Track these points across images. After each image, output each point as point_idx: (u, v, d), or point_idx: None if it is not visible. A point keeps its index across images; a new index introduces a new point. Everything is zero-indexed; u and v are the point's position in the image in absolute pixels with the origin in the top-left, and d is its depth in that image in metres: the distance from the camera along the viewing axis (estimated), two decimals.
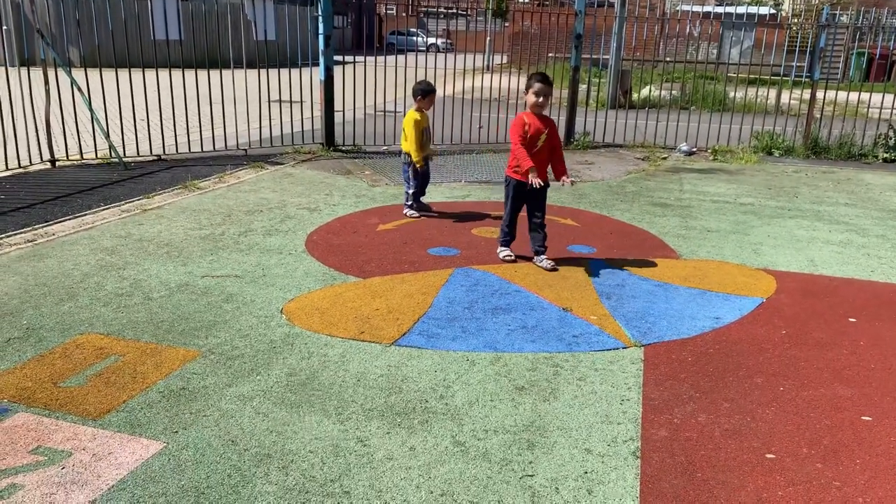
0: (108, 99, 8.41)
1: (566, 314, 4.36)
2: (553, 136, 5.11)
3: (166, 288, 4.53)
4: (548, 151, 5.09)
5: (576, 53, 10.67)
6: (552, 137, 5.10)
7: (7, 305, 4.17)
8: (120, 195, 6.91)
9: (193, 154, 8.90)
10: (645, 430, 3.10)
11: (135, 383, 3.32)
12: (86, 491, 2.56)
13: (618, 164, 9.56)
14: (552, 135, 5.10)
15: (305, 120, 11.09)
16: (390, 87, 10.22)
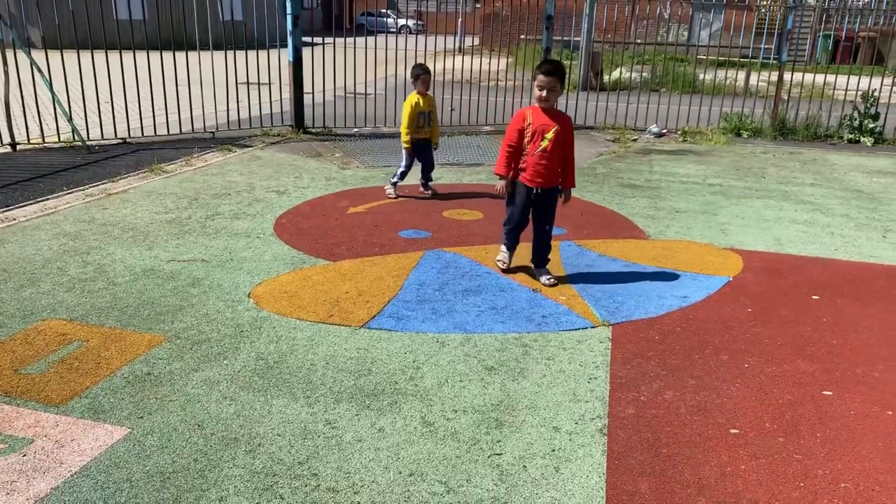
0: (70, 81, 8.22)
1: (535, 294, 4.37)
2: (565, 137, 4.35)
3: (131, 273, 4.46)
4: (558, 153, 4.36)
5: (547, 35, 10.65)
6: (564, 139, 4.35)
7: None
8: (83, 179, 6.77)
9: (159, 137, 8.74)
10: (612, 408, 3.13)
11: (99, 369, 3.27)
12: (48, 478, 2.51)
13: (588, 146, 9.59)
14: (565, 136, 4.35)
15: (274, 102, 10.95)
16: (360, 69, 10.12)
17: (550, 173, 4.39)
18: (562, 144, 4.34)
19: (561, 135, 4.31)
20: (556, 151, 4.33)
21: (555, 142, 4.29)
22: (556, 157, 4.35)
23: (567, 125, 4.36)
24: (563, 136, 4.32)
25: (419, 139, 6.44)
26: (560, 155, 4.37)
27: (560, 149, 4.34)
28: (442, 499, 2.50)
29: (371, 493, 2.52)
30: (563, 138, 4.33)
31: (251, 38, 9.87)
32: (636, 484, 2.61)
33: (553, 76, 4.21)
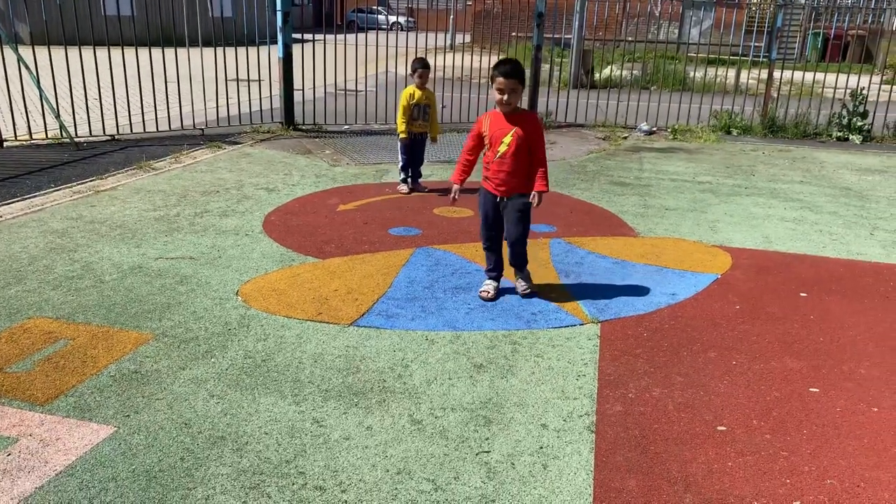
0: (58, 77, 8.15)
1: None
2: (528, 139, 3.98)
3: (119, 270, 4.43)
4: (522, 158, 4.00)
5: (538, 32, 10.64)
6: (527, 141, 3.98)
7: None
8: (71, 176, 6.73)
9: (148, 134, 8.69)
10: (600, 405, 3.13)
11: (85, 367, 3.25)
12: (32, 477, 2.50)
13: (579, 144, 9.60)
14: (527, 138, 3.97)
15: (264, 99, 10.90)
16: (351, 65, 10.09)
17: (514, 180, 4.03)
18: (526, 147, 3.98)
19: (522, 137, 3.96)
20: (520, 156, 3.98)
21: (514, 146, 3.96)
22: (520, 162, 3.99)
23: (531, 126, 4.00)
24: (524, 139, 3.96)
25: (414, 132, 6.54)
26: (525, 159, 4.00)
27: (523, 152, 3.99)
28: (430, 497, 2.50)
29: (358, 491, 2.51)
30: (524, 141, 3.97)
31: (241, 35, 9.82)
32: (624, 481, 2.62)
33: (513, 77, 3.87)
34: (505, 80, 3.87)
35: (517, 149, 3.97)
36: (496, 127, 4.01)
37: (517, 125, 3.97)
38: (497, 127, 4.00)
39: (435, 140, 6.73)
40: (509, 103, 3.93)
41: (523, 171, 4.03)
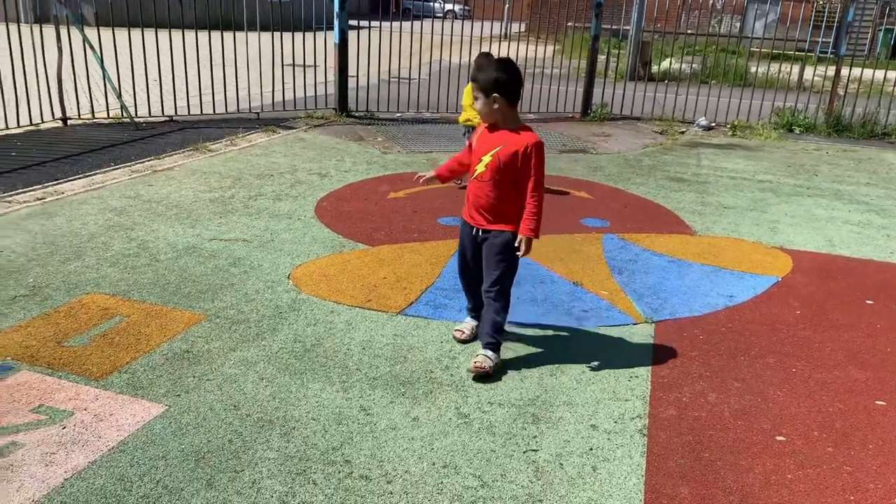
0: (120, 58, 8.32)
1: (576, 288, 4.29)
2: (512, 164, 3.10)
3: (174, 250, 4.50)
4: (506, 184, 3.15)
5: (596, 22, 10.45)
6: (512, 167, 3.10)
7: (14, 263, 4.15)
8: (130, 155, 6.86)
9: (205, 116, 8.82)
10: (653, 408, 3.05)
11: (139, 345, 3.30)
12: (86, 451, 2.54)
13: (635, 137, 9.40)
14: (512, 163, 3.10)
15: (319, 84, 10.96)
16: (404, 53, 10.06)
17: (493, 210, 3.19)
18: (510, 174, 3.11)
19: (505, 161, 3.09)
20: (501, 183, 3.13)
21: (492, 169, 3.12)
22: (503, 191, 3.15)
23: (522, 149, 3.07)
24: (508, 164, 3.10)
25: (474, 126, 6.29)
26: (510, 188, 3.14)
27: (506, 179, 3.13)
28: (476, 493, 2.46)
29: (404, 483, 2.49)
30: (508, 166, 3.10)
31: (297, 20, 9.89)
32: (676, 488, 2.53)
33: (474, 81, 3.10)
34: (473, 83, 3.13)
35: (496, 173, 3.13)
36: (482, 140, 3.21)
37: (503, 144, 3.12)
38: (483, 141, 3.20)
39: None
40: (482, 114, 3.16)
41: (507, 201, 3.17)
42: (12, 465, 2.45)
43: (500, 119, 3.13)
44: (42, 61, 7.71)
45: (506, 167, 3.11)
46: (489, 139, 3.18)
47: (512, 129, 3.13)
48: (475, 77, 3.09)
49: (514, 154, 3.09)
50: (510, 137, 3.12)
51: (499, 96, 3.04)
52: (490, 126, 3.19)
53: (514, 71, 3.07)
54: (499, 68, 3.06)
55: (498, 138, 3.15)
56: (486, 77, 3.04)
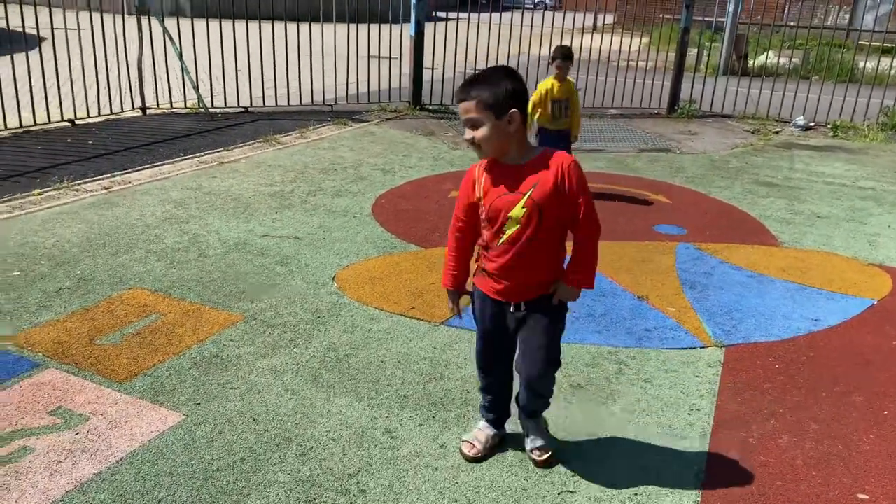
0: (200, 49, 8.42)
1: (641, 303, 3.94)
2: (557, 205, 2.26)
3: (224, 245, 4.42)
4: (550, 239, 2.31)
5: (686, 14, 9.86)
6: (557, 209, 2.26)
7: (67, 254, 4.16)
8: (201, 146, 6.90)
9: (280, 108, 8.83)
10: (713, 449, 2.70)
11: (169, 346, 3.19)
12: (93, 462, 2.43)
13: (723, 136, 8.80)
14: (556, 204, 2.26)
15: (396, 78, 10.83)
16: (491, 45, 9.78)
17: (535, 276, 2.34)
18: (554, 219, 2.27)
19: (547, 205, 2.24)
20: (545, 238, 2.29)
21: (534, 224, 2.25)
22: (546, 246, 2.31)
23: (555, 174, 2.24)
24: (552, 201, 2.24)
25: (553, 130, 5.60)
26: (554, 239, 2.33)
27: (551, 229, 2.29)
28: None
29: None
30: (552, 210, 2.25)
31: (381, 12, 9.78)
32: None
33: (470, 100, 2.20)
34: (463, 107, 2.22)
35: (539, 226, 2.26)
36: (496, 192, 2.29)
37: (536, 183, 2.24)
38: (497, 193, 2.28)
39: (576, 138, 5.85)
40: (480, 147, 2.25)
41: (551, 257, 2.35)
42: (18, 472, 2.36)
43: (515, 147, 2.27)
44: (124, 52, 7.88)
45: (548, 213, 2.24)
46: (509, 182, 2.26)
47: (533, 159, 2.27)
48: (466, 94, 2.20)
49: (554, 190, 2.23)
50: (537, 169, 2.25)
51: (517, 112, 2.20)
52: (494, 165, 2.30)
53: (522, 80, 2.27)
54: (508, 75, 2.23)
55: (521, 177, 2.25)
56: (496, 89, 2.17)
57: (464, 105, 2.21)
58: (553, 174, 2.24)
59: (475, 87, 2.19)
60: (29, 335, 3.21)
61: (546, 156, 2.29)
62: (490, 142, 2.22)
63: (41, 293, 3.63)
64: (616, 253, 4.64)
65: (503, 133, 2.21)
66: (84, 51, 7.68)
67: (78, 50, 7.70)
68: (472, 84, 2.21)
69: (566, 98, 5.59)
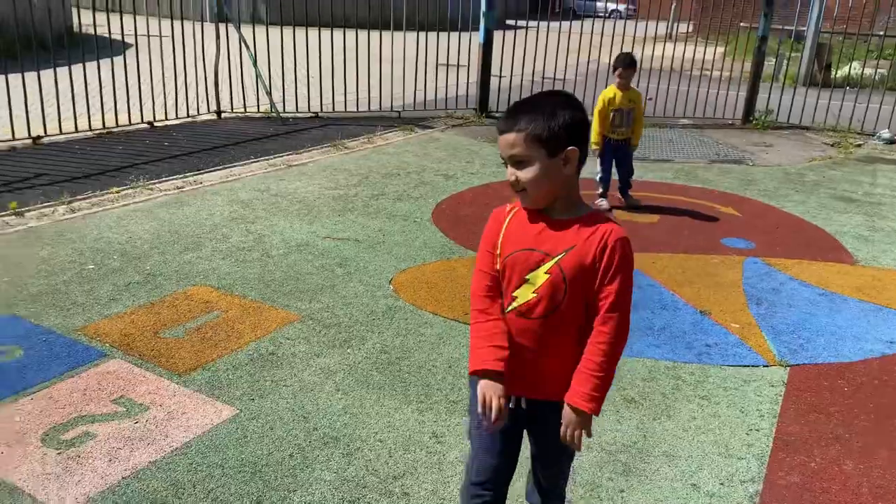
0: (277, 55, 8.64)
1: (703, 318, 3.82)
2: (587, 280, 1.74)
3: (286, 246, 4.52)
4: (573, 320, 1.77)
5: (764, 22, 9.55)
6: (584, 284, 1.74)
7: (138, 250, 4.33)
8: (270, 149, 7.08)
9: (349, 113, 8.98)
10: (771, 472, 2.59)
11: (228, 342, 3.28)
12: (150, 450, 2.52)
13: (801, 149, 8.47)
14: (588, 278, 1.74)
15: (465, 85, 10.88)
16: (561, 53, 9.72)
17: (553, 365, 1.81)
18: (583, 293, 1.75)
19: (579, 272, 1.74)
20: (569, 313, 1.77)
21: (552, 294, 1.75)
22: (569, 325, 1.78)
23: (596, 244, 1.73)
24: (582, 275, 1.74)
25: (616, 140, 5.54)
26: (581, 318, 1.78)
27: (577, 307, 1.76)
28: None
29: None
30: (581, 279, 1.74)
31: (445, 19, 9.85)
32: None
33: (518, 132, 1.72)
34: (507, 140, 1.74)
35: (560, 304, 1.75)
36: (521, 239, 1.79)
37: (570, 247, 1.74)
38: (522, 240, 1.79)
39: (635, 146, 5.76)
40: (525, 192, 1.76)
41: (564, 350, 1.79)
42: (80, 455, 2.47)
43: (565, 195, 1.77)
44: (202, 58, 8.18)
45: (574, 287, 1.73)
46: (536, 236, 1.77)
47: (578, 217, 1.77)
48: (513, 124, 1.72)
49: (590, 265, 1.72)
50: (578, 231, 1.74)
51: (575, 151, 1.73)
52: (534, 212, 1.79)
53: (584, 109, 1.78)
54: (566, 103, 1.75)
55: (556, 233, 1.75)
56: (552, 121, 1.69)
57: (508, 138, 1.72)
58: (595, 244, 1.72)
59: (525, 116, 1.71)
60: (98, 326, 3.36)
61: (595, 219, 1.76)
62: (539, 186, 1.72)
63: (112, 286, 3.79)
64: (680, 265, 4.52)
65: (556, 175, 1.73)
66: (165, 56, 8.00)
67: (159, 55, 8.03)
68: (520, 112, 1.73)
69: (629, 108, 5.49)
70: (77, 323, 3.37)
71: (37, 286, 3.74)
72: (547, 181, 1.73)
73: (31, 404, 2.74)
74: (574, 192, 1.79)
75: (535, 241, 1.77)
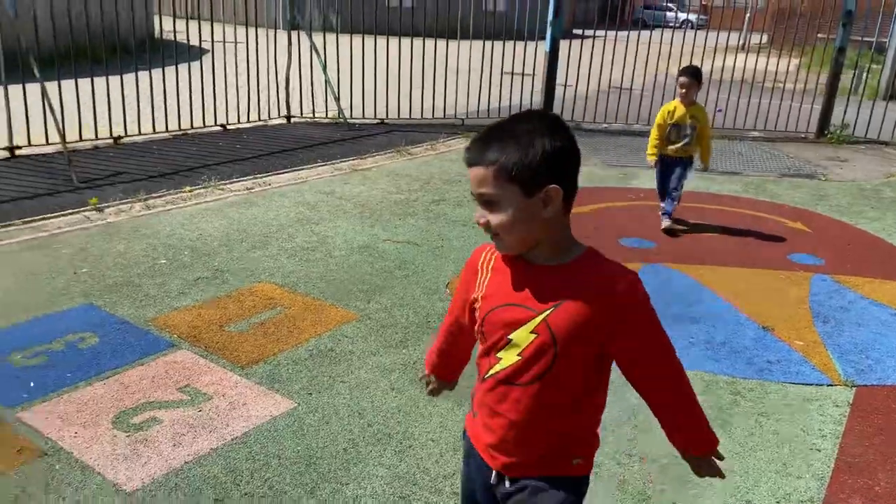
0: (346, 63, 8.84)
1: (765, 334, 3.73)
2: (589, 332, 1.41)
3: (348, 247, 4.62)
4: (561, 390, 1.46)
5: (843, 32, 9.24)
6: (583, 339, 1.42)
7: (208, 246, 4.51)
8: (337, 154, 7.25)
9: (413, 120, 9.11)
10: (831, 494, 2.51)
11: (289, 338, 3.39)
12: (212, 438, 2.63)
13: (878, 164, 8.15)
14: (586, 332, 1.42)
15: (532, 94, 10.89)
16: (628, 63, 9.63)
17: (527, 438, 1.51)
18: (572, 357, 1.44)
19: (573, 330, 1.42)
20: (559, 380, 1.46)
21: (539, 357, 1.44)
22: (558, 395, 1.47)
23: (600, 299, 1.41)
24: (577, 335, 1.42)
25: (670, 156, 5.23)
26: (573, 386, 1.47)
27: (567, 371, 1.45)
28: None
29: None
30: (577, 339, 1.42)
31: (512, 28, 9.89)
32: None
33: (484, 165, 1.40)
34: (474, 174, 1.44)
35: (550, 369, 1.45)
36: (503, 293, 1.48)
37: (559, 304, 1.42)
38: (505, 294, 1.48)
39: (706, 167, 5.45)
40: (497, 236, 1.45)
41: (562, 415, 1.50)
42: (146, 439, 2.60)
43: (549, 242, 1.44)
44: (275, 64, 8.44)
45: (567, 350, 1.42)
46: (521, 288, 1.45)
47: (572, 261, 1.45)
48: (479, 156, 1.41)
49: (586, 319, 1.40)
50: (572, 280, 1.43)
51: (557, 189, 1.39)
52: (515, 260, 1.47)
53: (571, 135, 1.43)
54: (547, 127, 1.40)
55: (545, 284, 1.44)
56: (527, 151, 1.37)
57: (475, 172, 1.41)
58: (593, 299, 1.40)
59: (495, 145, 1.39)
60: (168, 318, 3.51)
61: (591, 264, 1.45)
62: (512, 231, 1.40)
63: (182, 281, 3.95)
64: (744, 280, 4.43)
65: (533, 219, 1.39)
66: (239, 62, 8.29)
67: (234, 61, 8.33)
68: (490, 138, 1.41)
69: (690, 123, 5.17)
70: (149, 314, 3.54)
71: (113, 278, 3.93)
72: (523, 226, 1.40)
73: (104, 388, 2.89)
74: (562, 234, 1.45)
75: (519, 293, 1.45)
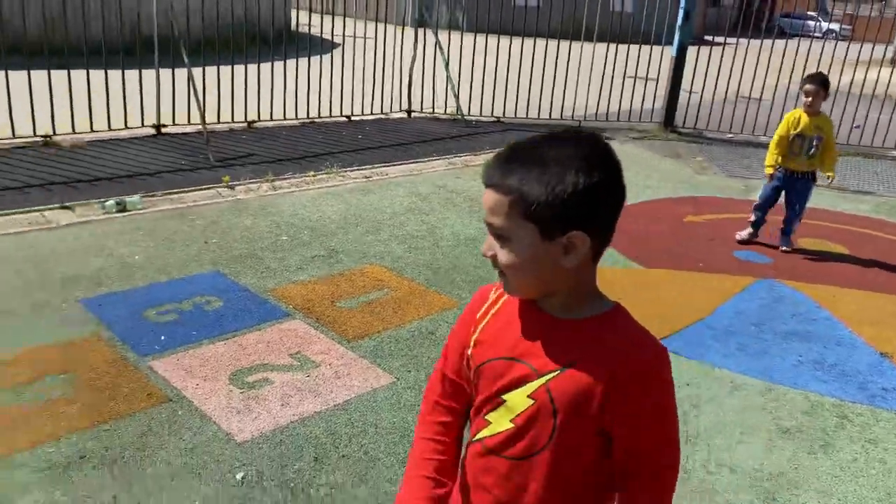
0: (468, 61, 9.01)
1: (883, 360, 3.55)
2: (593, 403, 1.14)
3: (455, 238, 4.75)
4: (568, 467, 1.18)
5: None
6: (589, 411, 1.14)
7: (326, 227, 4.76)
8: (452, 149, 7.42)
9: (529, 119, 9.15)
10: None
11: (394, 317, 3.55)
12: (316, 402, 2.81)
13: None
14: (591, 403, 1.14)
15: (654, 98, 10.67)
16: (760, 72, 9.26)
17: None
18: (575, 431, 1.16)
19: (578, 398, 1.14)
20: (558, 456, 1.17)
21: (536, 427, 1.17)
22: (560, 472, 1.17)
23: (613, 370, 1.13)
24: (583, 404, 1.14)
25: (792, 170, 4.95)
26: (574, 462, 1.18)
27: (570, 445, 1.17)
28: None
29: None
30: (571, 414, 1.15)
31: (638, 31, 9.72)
32: None
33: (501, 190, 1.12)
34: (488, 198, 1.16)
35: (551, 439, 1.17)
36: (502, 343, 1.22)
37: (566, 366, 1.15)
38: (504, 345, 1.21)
39: (831, 178, 5.11)
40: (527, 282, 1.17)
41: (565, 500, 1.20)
42: (258, 396, 2.82)
43: (566, 292, 1.19)
44: (399, 59, 8.72)
45: (569, 423, 1.16)
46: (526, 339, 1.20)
47: (592, 318, 1.19)
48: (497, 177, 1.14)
49: (595, 391, 1.14)
50: (585, 342, 1.17)
51: (581, 236, 1.12)
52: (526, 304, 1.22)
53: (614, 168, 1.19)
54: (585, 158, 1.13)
55: (555, 339, 1.18)
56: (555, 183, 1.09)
57: (489, 197, 1.16)
58: (606, 367, 1.13)
59: (516, 170, 1.12)
60: (286, 290, 3.76)
61: (617, 325, 1.19)
62: (521, 274, 1.16)
63: (300, 257, 4.21)
64: (865, 304, 4.21)
65: (548, 266, 1.14)
66: (367, 56, 8.63)
67: (362, 55, 8.67)
68: (511, 160, 1.15)
69: (816, 135, 4.88)
70: (268, 285, 3.80)
71: (239, 250, 4.24)
72: (534, 272, 1.14)
73: (225, 348, 3.15)
74: (584, 285, 1.19)
75: (521, 347, 1.19)
